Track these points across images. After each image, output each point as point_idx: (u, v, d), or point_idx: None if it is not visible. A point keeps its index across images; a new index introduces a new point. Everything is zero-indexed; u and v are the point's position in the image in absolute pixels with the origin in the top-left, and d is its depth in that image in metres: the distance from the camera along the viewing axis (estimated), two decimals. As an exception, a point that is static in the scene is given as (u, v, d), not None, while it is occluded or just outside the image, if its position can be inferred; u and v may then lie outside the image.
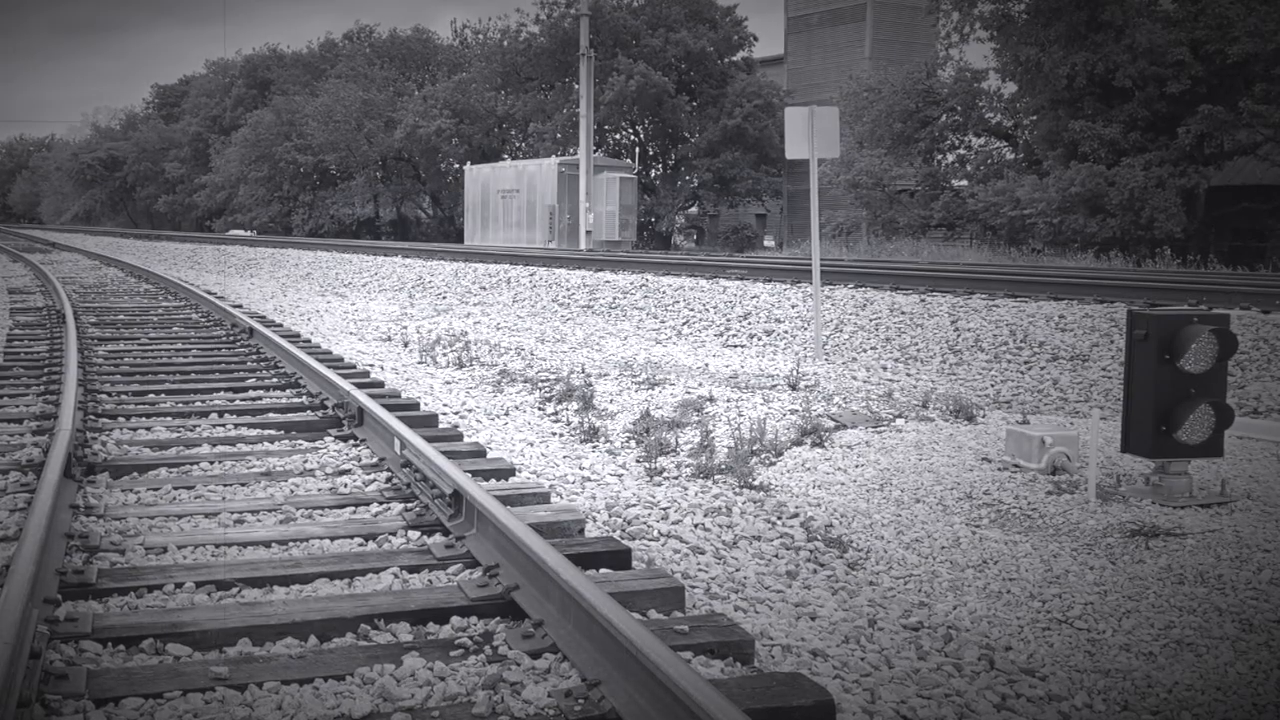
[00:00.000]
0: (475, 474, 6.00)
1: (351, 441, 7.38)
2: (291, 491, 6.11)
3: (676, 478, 6.79)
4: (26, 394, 8.98)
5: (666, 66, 44.32)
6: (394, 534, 5.31)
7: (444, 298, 20.45)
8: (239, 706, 3.46)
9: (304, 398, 8.93)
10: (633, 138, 48.72)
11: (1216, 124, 27.42)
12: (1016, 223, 30.67)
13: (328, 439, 7.45)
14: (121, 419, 8.12)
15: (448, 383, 10.60)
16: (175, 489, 6.12)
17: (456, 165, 51.31)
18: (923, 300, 14.13)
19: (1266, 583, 4.98)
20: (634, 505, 5.90)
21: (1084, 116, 29.30)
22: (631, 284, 18.19)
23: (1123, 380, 6.77)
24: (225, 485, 6.22)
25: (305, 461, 6.77)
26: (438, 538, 5.18)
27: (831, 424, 8.10)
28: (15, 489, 5.89)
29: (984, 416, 8.68)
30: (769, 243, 44.48)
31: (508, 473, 6.34)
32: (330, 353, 11.63)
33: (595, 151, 39.14)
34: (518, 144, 51.59)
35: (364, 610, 4.20)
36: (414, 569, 4.76)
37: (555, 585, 4.02)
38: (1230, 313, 9.04)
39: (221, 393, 9.36)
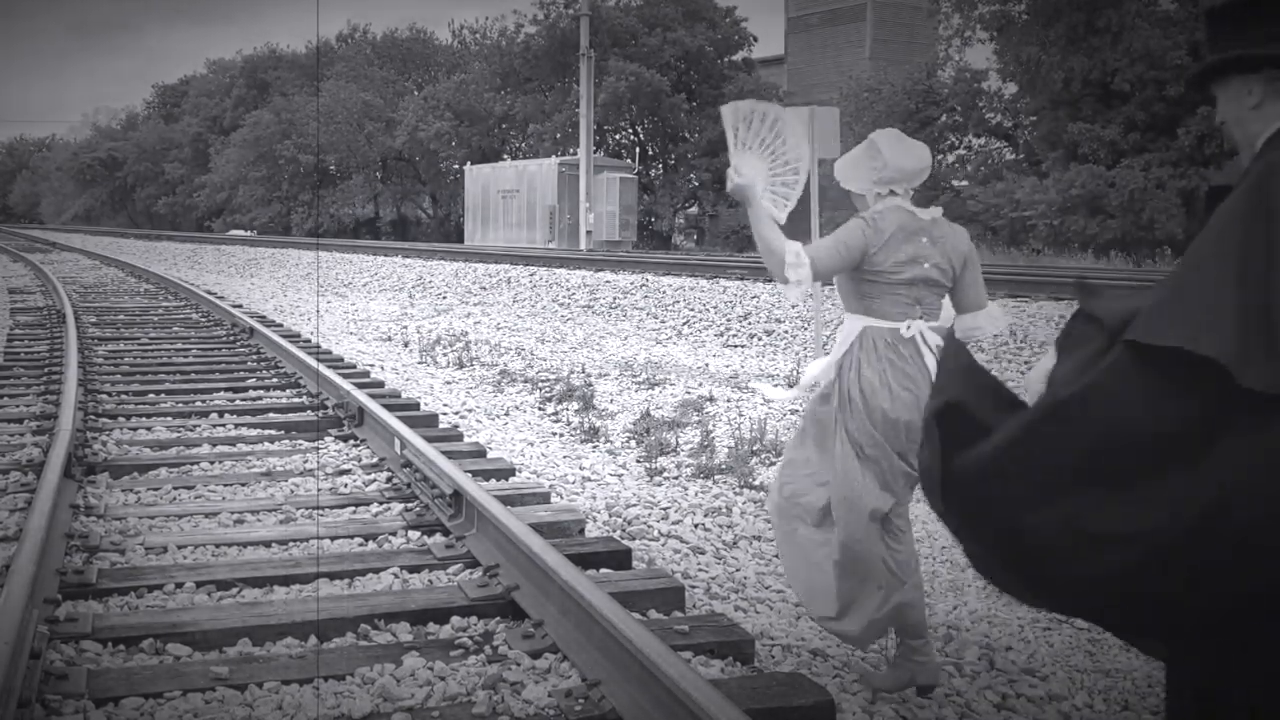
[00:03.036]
0: (475, 474, 6.00)
1: (352, 441, 7.38)
2: (292, 491, 6.11)
3: (677, 478, 6.79)
4: (27, 394, 8.98)
5: (664, 66, 44.29)
6: (394, 534, 5.32)
7: (444, 298, 20.44)
8: (239, 706, 3.46)
9: (304, 397, 8.94)
10: (632, 138, 48.70)
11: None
12: (1017, 224, 30.64)
13: (328, 439, 7.45)
14: (122, 419, 8.12)
15: (448, 383, 10.59)
16: (175, 489, 6.12)
17: (457, 165, 51.27)
18: (923, 300, 14.13)
19: (1267, 583, 4.98)
20: (634, 505, 5.90)
21: (1083, 118, 29.29)
22: (631, 284, 18.18)
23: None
24: (225, 485, 6.23)
25: (306, 461, 6.77)
26: (438, 538, 5.18)
27: (831, 424, 8.09)
28: (15, 489, 5.90)
29: (984, 417, 8.67)
30: (769, 243, 44.35)
31: (508, 473, 6.34)
32: (330, 352, 11.63)
33: (595, 151, 39.11)
34: (518, 144, 51.54)
35: (364, 610, 4.20)
36: (414, 569, 4.76)
37: (555, 585, 4.02)
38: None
39: (222, 393, 9.36)
